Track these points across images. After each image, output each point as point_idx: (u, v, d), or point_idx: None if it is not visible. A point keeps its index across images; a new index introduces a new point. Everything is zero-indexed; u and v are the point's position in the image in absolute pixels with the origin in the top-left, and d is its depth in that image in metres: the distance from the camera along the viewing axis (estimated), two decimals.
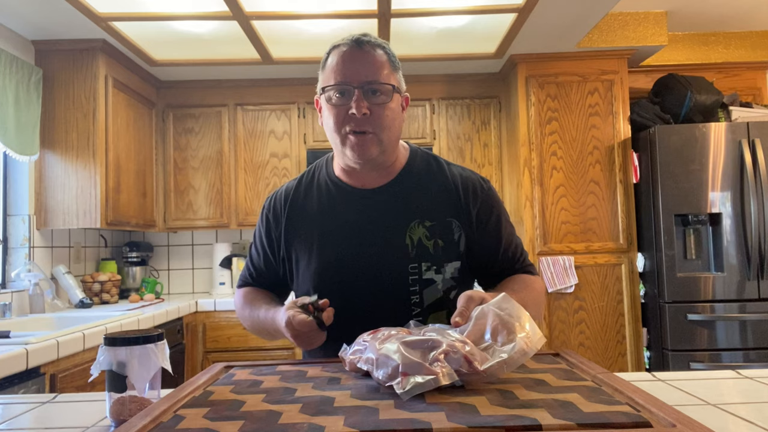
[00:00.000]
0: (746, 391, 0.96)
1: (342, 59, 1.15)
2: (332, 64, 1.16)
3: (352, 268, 1.19)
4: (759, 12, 3.41)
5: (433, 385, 0.77)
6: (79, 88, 3.02)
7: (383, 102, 1.15)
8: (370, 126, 1.14)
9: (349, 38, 1.17)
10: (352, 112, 1.12)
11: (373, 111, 1.14)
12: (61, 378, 2.01)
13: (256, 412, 0.74)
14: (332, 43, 1.19)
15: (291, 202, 1.28)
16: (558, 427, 0.65)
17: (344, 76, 1.13)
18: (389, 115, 1.16)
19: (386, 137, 1.17)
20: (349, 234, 1.21)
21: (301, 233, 1.25)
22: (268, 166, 3.72)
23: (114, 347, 0.82)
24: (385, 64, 1.17)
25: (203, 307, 3.33)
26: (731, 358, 3.05)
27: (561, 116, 3.45)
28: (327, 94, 1.16)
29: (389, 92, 1.16)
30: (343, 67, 1.14)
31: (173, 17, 2.76)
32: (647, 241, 3.31)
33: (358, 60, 1.14)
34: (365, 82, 1.13)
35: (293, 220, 1.27)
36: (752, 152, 3.11)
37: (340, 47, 1.16)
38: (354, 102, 1.12)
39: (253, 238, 1.36)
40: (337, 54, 1.16)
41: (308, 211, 1.26)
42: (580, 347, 3.34)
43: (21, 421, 0.91)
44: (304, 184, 1.30)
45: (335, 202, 1.24)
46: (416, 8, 2.74)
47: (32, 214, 2.94)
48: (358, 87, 1.13)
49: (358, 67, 1.14)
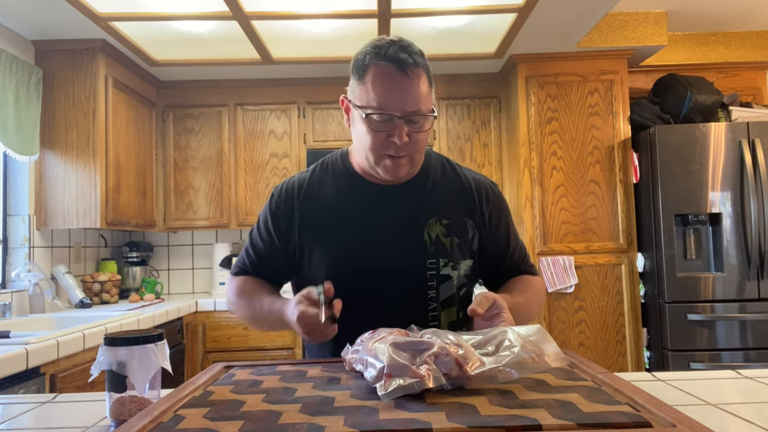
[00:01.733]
0: (746, 391, 0.96)
1: (385, 85, 1.11)
2: (374, 84, 1.11)
3: (370, 260, 1.20)
4: (759, 12, 3.41)
5: (417, 388, 0.76)
6: (79, 88, 3.02)
7: (422, 129, 1.15)
8: (409, 150, 1.15)
9: (390, 53, 1.10)
10: (394, 140, 1.12)
11: (411, 137, 1.14)
12: (61, 378, 2.01)
13: (256, 412, 0.74)
14: (369, 53, 1.13)
15: (306, 191, 1.27)
16: (558, 427, 0.65)
17: (388, 103, 1.11)
18: (424, 138, 1.17)
19: (418, 158, 1.20)
20: (368, 226, 1.22)
21: (318, 223, 1.24)
22: (268, 166, 3.72)
23: (114, 347, 0.82)
24: (427, 89, 1.14)
25: (203, 307, 3.33)
26: (731, 358, 3.05)
27: (561, 116, 3.45)
28: (368, 117, 1.13)
29: (430, 120, 1.16)
30: (387, 94, 1.11)
31: (173, 17, 2.76)
32: (647, 241, 3.31)
33: (402, 88, 1.11)
34: (409, 112, 1.12)
35: (309, 209, 1.26)
36: (752, 152, 3.11)
37: (381, 66, 1.11)
38: (396, 130, 1.12)
39: (257, 227, 1.32)
40: (380, 75, 1.11)
41: (325, 201, 1.25)
42: (580, 347, 3.34)
43: (21, 421, 0.91)
44: (318, 176, 1.30)
45: (354, 195, 1.25)
46: (416, 8, 2.74)
47: (32, 214, 2.94)
48: (402, 117, 1.11)
49: (402, 97, 1.11)
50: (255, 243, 1.32)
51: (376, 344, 0.85)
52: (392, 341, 0.84)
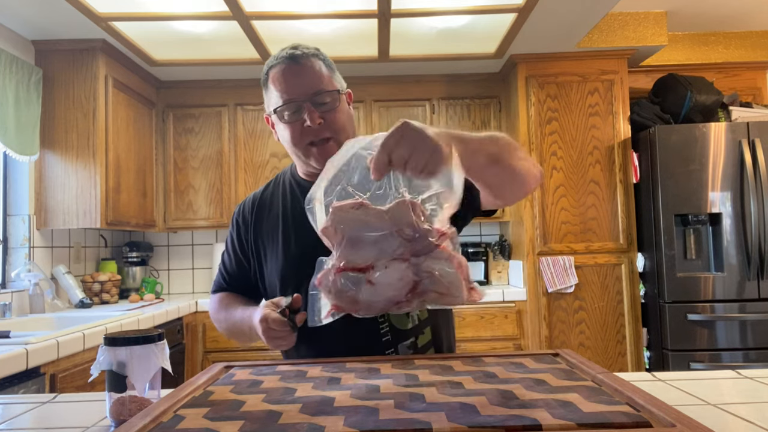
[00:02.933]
0: (746, 391, 0.96)
1: (283, 77, 1.19)
2: (274, 83, 1.20)
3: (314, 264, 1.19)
4: (759, 12, 3.41)
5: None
6: (79, 88, 3.02)
7: (333, 108, 1.19)
8: (329, 131, 1.19)
9: (282, 54, 1.20)
10: (308, 124, 1.17)
11: (326, 118, 1.18)
12: (61, 378, 2.01)
13: (256, 412, 0.74)
14: (267, 64, 1.23)
15: (259, 204, 1.34)
16: (558, 427, 0.65)
17: (290, 93, 1.18)
18: (341, 117, 1.21)
19: (344, 138, 1.18)
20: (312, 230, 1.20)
21: (268, 232, 1.30)
22: (268, 166, 3.72)
23: (114, 347, 0.82)
24: (324, 71, 1.21)
25: (203, 307, 3.32)
26: (731, 358, 3.05)
27: (561, 116, 3.45)
28: (278, 113, 1.20)
29: (336, 97, 1.20)
30: (287, 85, 1.18)
31: (173, 17, 2.76)
32: (647, 241, 3.31)
33: (299, 74, 1.18)
34: (311, 94, 1.17)
35: (261, 220, 1.32)
36: (752, 152, 3.11)
37: (276, 66, 1.20)
38: (307, 115, 1.17)
39: (225, 246, 1.41)
40: (277, 73, 1.19)
41: (274, 211, 1.31)
42: (580, 347, 3.34)
43: (21, 421, 0.91)
44: (271, 189, 1.36)
45: (298, 201, 1.27)
46: (416, 8, 2.74)
47: (32, 214, 2.94)
48: (306, 100, 1.17)
49: (300, 82, 1.18)
50: (225, 260, 1.41)
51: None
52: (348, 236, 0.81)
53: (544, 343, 3.33)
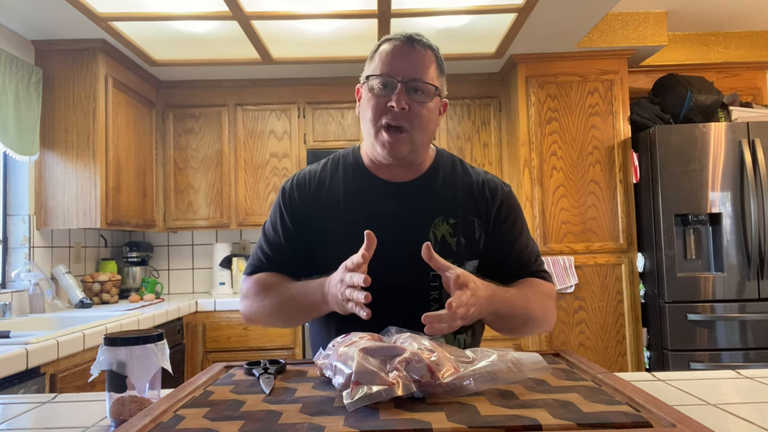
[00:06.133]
0: (746, 391, 0.96)
1: (392, 52, 1.17)
2: (381, 55, 1.18)
3: (374, 257, 1.16)
4: (759, 12, 3.41)
5: (385, 396, 0.73)
6: (79, 88, 3.02)
7: (423, 101, 1.16)
8: (407, 122, 1.15)
9: (403, 34, 1.19)
10: (391, 104, 1.13)
11: (411, 108, 1.15)
12: (61, 378, 2.01)
13: (256, 412, 0.74)
14: (383, 38, 1.22)
15: (318, 183, 1.27)
16: (558, 427, 0.65)
17: (390, 69, 1.15)
18: (426, 115, 1.17)
19: (419, 137, 1.18)
20: (374, 224, 1.16)
21: (326, 217, 1.24)
22: (268, 166, 3.72)
23: (114, 347, 0.82)
24: (433, 65, 1.18)
25: (203, 307, 3.33)
26: (731, 358, 3.05)
27: (561, 116, 3.45)
28: (370, 83, 1.17)
29: (431, 93, 1.17)
30: (391, 60, 1.16)
31: (173, 17, 2.76)
32: (647, 241, 3.31)
33: (407, 56, 1.16)
34: (410, 78, 1.15)
35: (319, 201, 1.25)
36: (752, 152, 3.11)
37: (392, 41, 1.19)
38: (395, 95, 1.14)
39: (270, 221, 1.31)
40: (388, 46, 1.18)
41: (334, 196, 1.25)
42: (580, 347, 3.34)
43: (21, 421, 0.91)
44: (330, 170, 1.29)
45: (362, 192, 1.24)
46: (416, 8, 2.74)
47: (32, 214, 2.94)
48: (401, 81, 1.14)
49: (405, 63, 1.15)
50: (267, 237, 1.30)
51: (346, 349, 0.82)
52: (362, 346, 0.80)
53: (544, 343, 3.33)
